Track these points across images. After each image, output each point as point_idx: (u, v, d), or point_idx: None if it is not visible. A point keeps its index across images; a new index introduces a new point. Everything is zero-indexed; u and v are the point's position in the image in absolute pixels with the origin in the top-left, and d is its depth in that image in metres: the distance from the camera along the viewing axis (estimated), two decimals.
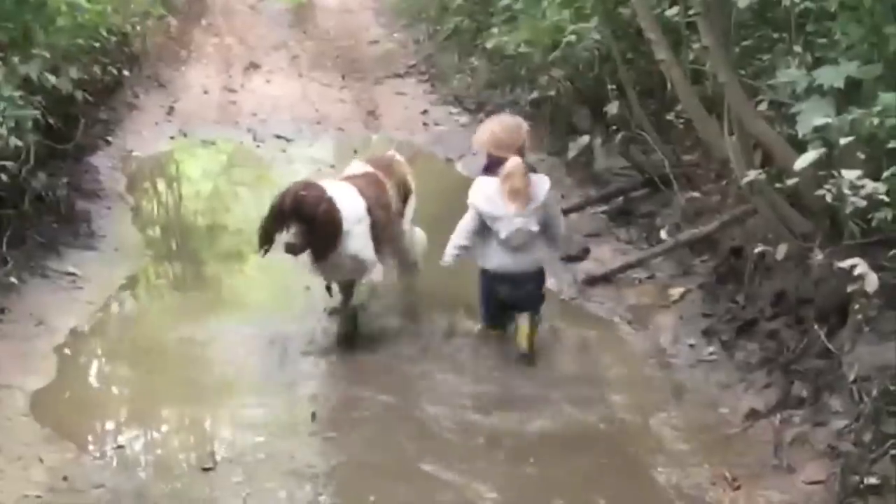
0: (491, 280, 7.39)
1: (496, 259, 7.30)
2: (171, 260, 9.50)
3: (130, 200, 10.52)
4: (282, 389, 6.78)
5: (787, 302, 7.02)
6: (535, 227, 7.21)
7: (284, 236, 6.91)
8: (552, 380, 7.03)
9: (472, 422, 6.48)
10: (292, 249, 6.90)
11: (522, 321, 7.27)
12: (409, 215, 8.03)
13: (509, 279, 7.30)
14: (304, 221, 6.86)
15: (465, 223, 7.34)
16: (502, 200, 7.15)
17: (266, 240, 7.07)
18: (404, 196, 7.94)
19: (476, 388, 6.92)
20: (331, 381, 7.00)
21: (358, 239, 7.17)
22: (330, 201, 6.98)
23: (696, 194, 8.64)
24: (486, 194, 7.21)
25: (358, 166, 7.87)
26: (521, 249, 7.25)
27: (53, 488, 5.54)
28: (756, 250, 6.97)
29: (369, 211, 7.26)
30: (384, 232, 7.50)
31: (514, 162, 7.13)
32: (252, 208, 10.76)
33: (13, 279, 7.77)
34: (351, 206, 7.16)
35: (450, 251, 7.41)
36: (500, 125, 7.50)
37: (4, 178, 7.79)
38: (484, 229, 7.27)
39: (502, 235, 7.18)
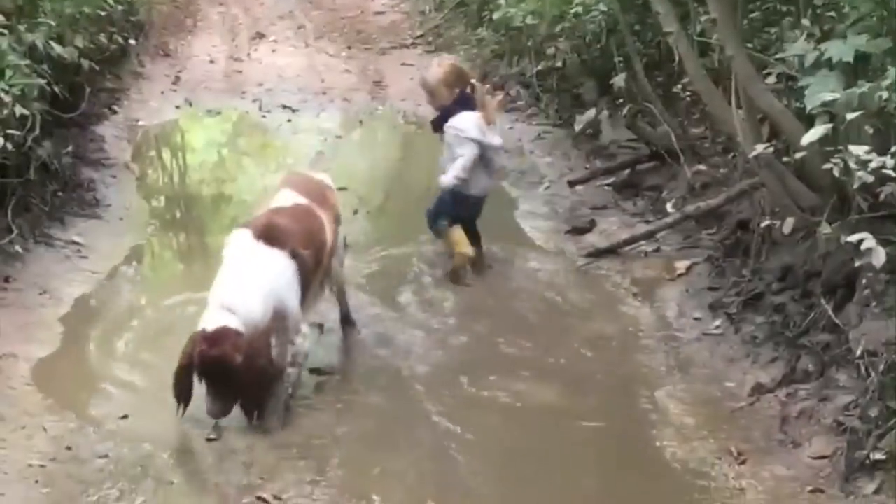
0: (466, 204, 8.25)
1: (481, 184, 8.24)
2: (176, 229, 9.50)
3: (136, 170, 10.50)
4: None
5: (793, 276, 7.00)
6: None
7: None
8: (555, 351, 7.01)
9: (468, 392, 6.48)
10: (217, 413, 5.81)
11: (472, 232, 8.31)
12: (340, 252, 7.12)
13: (481, 200, 8.34)
14: (221, 382, 5.74)
15: (468, 158, 7.99)
16: (486, 128, 8.06)
17: (182, 397, 5.88)
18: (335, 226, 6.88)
19: (472, 355, 6.95)
20: (336, 354, 6.98)
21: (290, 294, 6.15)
22: (247, 346, 5.75)
23: (702, 167, 8.63)
24: (477, 126, 8.02)
25: (287, 196, 6.57)
26: (494, 170, 8.40)
27: (57, 458, 5.54)
28: (763, 224, 6.92)
29: (294, 256, 6.10)
30: (314, 276, 6.41)
31: (483, 89, 8.09)
32: (257, 178, 10.80)
33: (18, 248, 7.76)
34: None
35: (450, 179, 8.06)
36: (448, 62, 8.42)
37: (10, 146, 7.76)
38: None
39: (493, 161, 8.27)
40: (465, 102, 8.10)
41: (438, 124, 8.23)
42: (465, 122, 8.00)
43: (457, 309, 7.65)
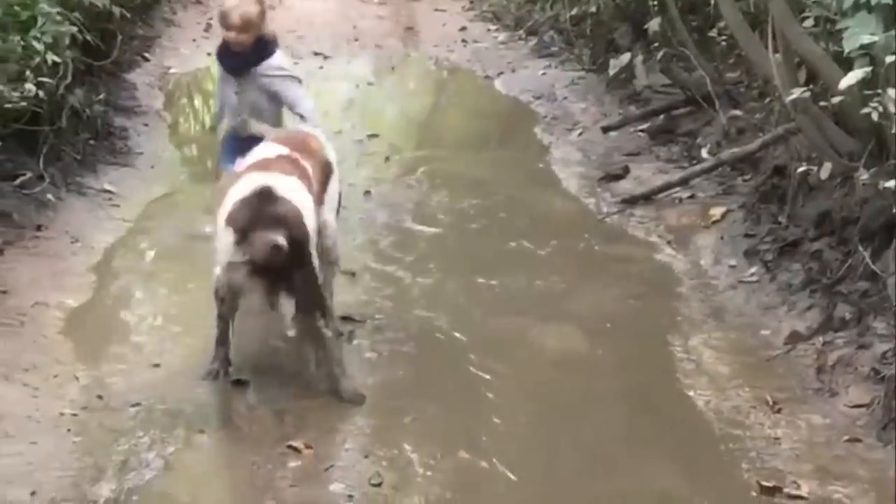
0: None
1: None
2: (207, 177, 9.45)
3: (167, 118, 10.49)
4: None
5: (830, 222, 6.90)
6: None
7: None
8: (588, 299, 6.97)
9: (498, 340, 6.45)
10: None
11: None
12: (331, 203, 6.45)
13: None
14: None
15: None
16: None
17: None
18: (325, 179, 6.36)
19: (503, 302, 6.92)
20: (359, 294, 6.96)
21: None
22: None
23: (738, 112, 8.51)
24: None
25: (268, 148, 6.23)
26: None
27: (88, 406, 5.54)
28: (799, 170, 6.84)
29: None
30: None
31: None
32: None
33: (50, 196, 7.75)
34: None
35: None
36: None
37: (42, 94, 7.74)
38: None
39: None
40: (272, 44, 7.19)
41: (250, 62, 7.07)
42: (287, 60, 7.37)
43: (487, 255, 7.60)
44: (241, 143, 6.78)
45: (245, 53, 7.07)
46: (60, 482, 4.88)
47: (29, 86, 7.60)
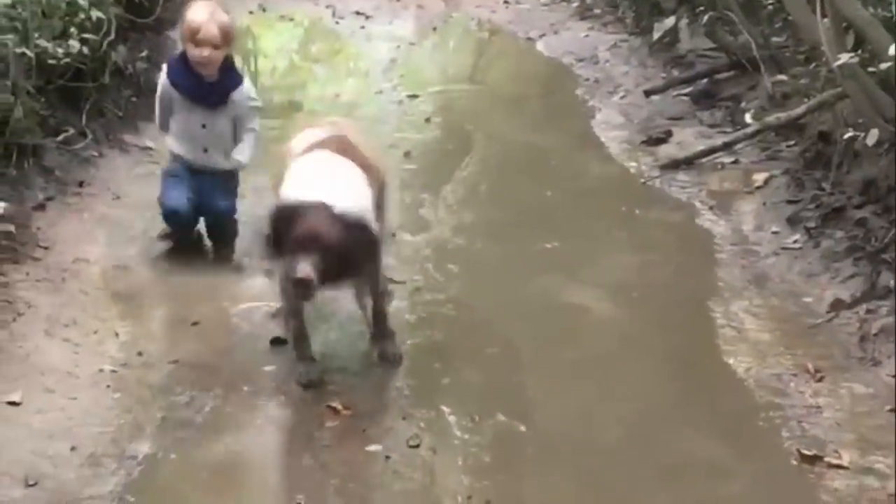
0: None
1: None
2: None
3: None
4: None
5: (876, 189, 6.83)
6: None
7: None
8: (629, 263, 6.94)
9: (537, 303, 6.43)
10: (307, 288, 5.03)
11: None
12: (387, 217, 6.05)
13: None
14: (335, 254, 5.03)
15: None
16: None
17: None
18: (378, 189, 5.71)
19: (542, 266, 6.89)
20: (397, 255, 6.95)
21: None
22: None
23: (783, 77, 8.41)
24: None
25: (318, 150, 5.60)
26: None
27: (128, 363, 5.55)
28: (845, 136, 6.77)
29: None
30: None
31: None
32: (328, 86, 10.73)
33: (92, 153, 7.78)
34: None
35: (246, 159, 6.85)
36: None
37: (85, 51, 7.75)
38: None
39: None
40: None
41: (225, 88, 6.53)
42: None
43: (527, 219, 7.57)
44: (195, 177, 6.51)
45: (219, 82, 6.40)
46: (100, 438, 4.90)
47: (73, 42, 7.63)
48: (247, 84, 6.58)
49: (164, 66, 6.58)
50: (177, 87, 6.42)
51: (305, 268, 4.91)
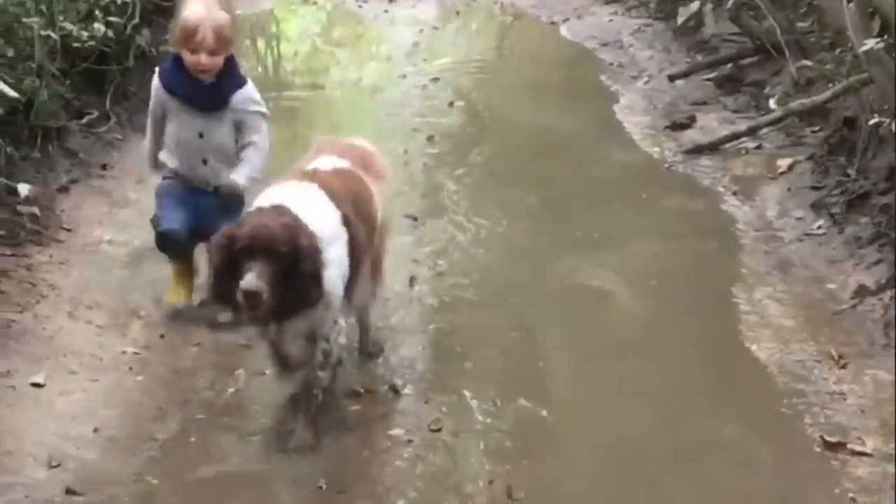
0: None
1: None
2: (270, 119, 9.44)
3: None
4: None
5: None
6: None
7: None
8: (651, 249, 6.91)
9: (558, 287, 6.41)
10: (255, 303, 4.44)
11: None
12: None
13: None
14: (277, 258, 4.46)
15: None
16: None
17: (223, 296, 4.62)
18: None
19: (563, 250, 6.87)
20: (421, 239, 6.94)
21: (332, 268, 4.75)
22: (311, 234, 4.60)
23: (808, 62, 8.36)
24: None
25: (327, 160, 5.27)
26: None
27: (150, 346, 5.57)
28: (870, 121, 6.72)
29: (346, 223, 4.91)
30: (362, 252, 5.07)
31: None
32: (351, 69, 10.72)
33: (116, 135, 7.80)
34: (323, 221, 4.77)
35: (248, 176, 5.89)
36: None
37: (110, 34, 7.77)
38: None
39: None
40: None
41: (224, 94, 5.77)
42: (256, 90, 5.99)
43: (549, 203, 7.55)
44: (195, 196, 5.78)
45: (217, 84, 5.67)
46: (122, 420, 4.93)
47: (98, 25, 7.65)
48: (250, 87, 5.80)
49: (157, 71, 5.83)
50: (172, 92, 5.70)
51: (252, 279, 4.38)
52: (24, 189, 6.20)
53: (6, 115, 6.56)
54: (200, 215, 5.76)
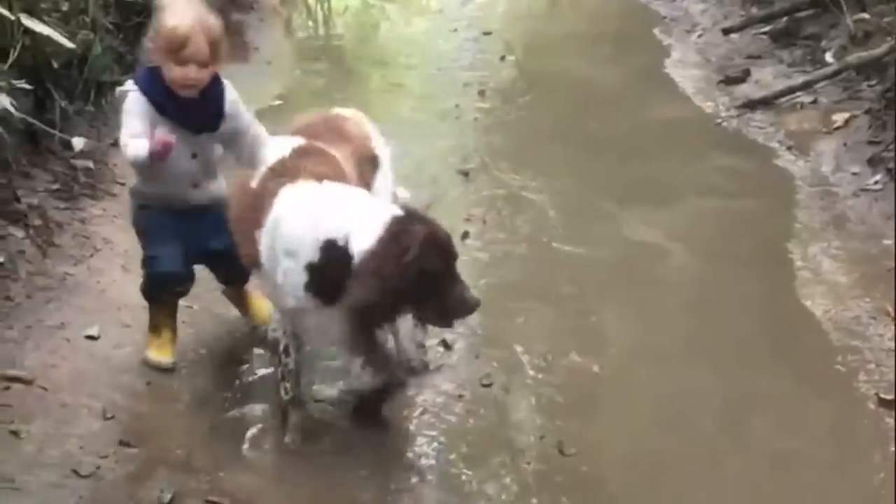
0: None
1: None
2: (322, 74, 9.45)
3: (283, 13, 10.46)
4: None
5: None
6: None
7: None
8: (703, 203, 6.85)
9: (609, 238, 6.38)
10: None
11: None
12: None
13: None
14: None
15: None
16: None
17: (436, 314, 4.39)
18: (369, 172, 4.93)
19: (613, 198, 6.82)
20: (472, 194, 6.92)
21: None
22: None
23: (865, 15, 8.25)
24: None
25: (287, 141, 4.76)
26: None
27: (201, 297, 5.52)
28: None
29: None
30: None
31: None
32: (401, 24, 10.68)
33: None
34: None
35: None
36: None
37: None
38: None
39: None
40: None
41: (220, 108, 4.70)
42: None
43: (599, 157, 7.50)
44: (180, 219, 4.86)
45: (207, 98, 4.64)
46: (174, 373, 4.94)
47: None
48: (230, 91, 4.73)
49: (132, 83, 4.69)
50: (163, 111, 4.62)
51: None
52: (78, 143, 6.19)
53: (61, 68, 6.57)
54: (192, 243, 4.93)
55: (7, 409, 4.25)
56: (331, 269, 4.18)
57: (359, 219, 4.21)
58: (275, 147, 4.70)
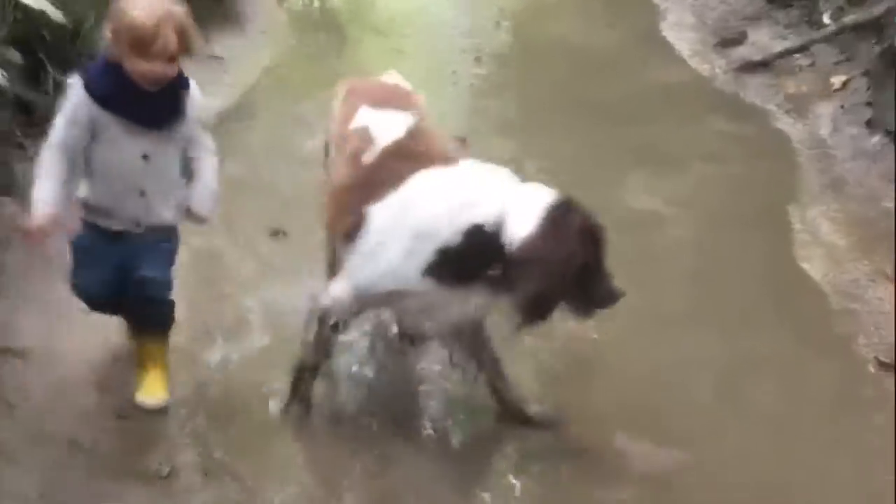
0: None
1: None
2: (316, 44, 9.41)
3: None
4: None
5: None
6: None
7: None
8: (702, 168, 6.85)
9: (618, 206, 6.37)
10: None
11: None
12: None
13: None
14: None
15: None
16: None
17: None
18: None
19: (613, 172, 6.79)
20: None
21: None
22: None
23: None
24: None
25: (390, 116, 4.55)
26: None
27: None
28: None
29: None
30: None
31: None
32: None
33: None
34: None
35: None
36: None
37: None
38: None
39: None
40: None
41: (181, 103, 4.25)
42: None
43: (595, 123, 7.47)
44: (115, 244, 4.32)
45: (168, 91, 4.17)
46: (194, 332, 4.92)
47: None
48: (195, 86, 4.33)
49: (78, 79, 4.18)
50: (107, 105, 4.13)
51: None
52: None
53: (53, 40, 6.54)
54: (122, 259, 4.36)
55: (3, 382, 4.25)
56: (472, 255, 4.08)
57: (513, 203, 4.11)
58: (376, 120, 4.49)
